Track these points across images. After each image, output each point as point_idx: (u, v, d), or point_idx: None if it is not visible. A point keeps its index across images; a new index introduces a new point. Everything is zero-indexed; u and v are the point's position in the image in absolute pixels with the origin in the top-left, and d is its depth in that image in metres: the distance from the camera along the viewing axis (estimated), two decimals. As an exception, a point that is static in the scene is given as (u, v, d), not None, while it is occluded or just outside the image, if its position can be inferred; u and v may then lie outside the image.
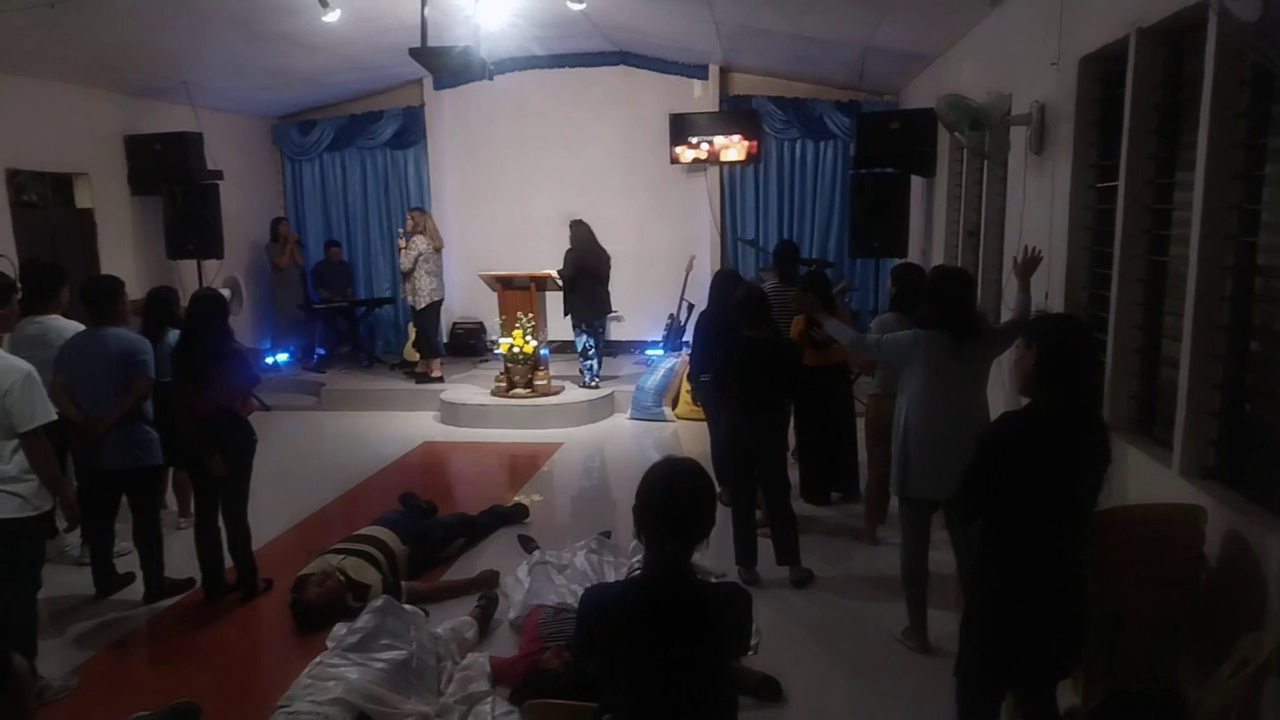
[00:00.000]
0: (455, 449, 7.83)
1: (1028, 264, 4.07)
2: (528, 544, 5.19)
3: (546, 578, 4.48)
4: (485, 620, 4.29)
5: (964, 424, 3.69)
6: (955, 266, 5.65)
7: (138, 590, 4.74)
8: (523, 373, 8.42)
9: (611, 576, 4.48)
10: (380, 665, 3.55)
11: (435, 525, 5.35)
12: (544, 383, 8.51)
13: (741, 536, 4.81)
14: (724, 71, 9.94)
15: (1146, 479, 3.52)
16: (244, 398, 4.75)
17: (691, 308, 9.64)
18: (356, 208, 10.83)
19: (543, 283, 8.60)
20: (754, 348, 4.72)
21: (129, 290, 4.82)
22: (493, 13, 7.26)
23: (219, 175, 8.56)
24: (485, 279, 8.89)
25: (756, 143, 9.79)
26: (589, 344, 8.69)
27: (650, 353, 9.55)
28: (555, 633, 3.83)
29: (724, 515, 5.40)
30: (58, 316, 4.80)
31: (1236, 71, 3.05)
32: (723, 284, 5.86)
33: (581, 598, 2.25)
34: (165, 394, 4.77)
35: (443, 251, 9.08)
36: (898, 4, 6.29)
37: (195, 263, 8.58)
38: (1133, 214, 3.81)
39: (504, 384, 8.50)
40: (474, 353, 10.34)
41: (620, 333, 10.41)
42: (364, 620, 3.80)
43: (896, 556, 4.14)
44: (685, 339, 9.28)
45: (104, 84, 7.96)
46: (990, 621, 2.70)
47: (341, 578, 4.39)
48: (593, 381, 8.76)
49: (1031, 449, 2.59)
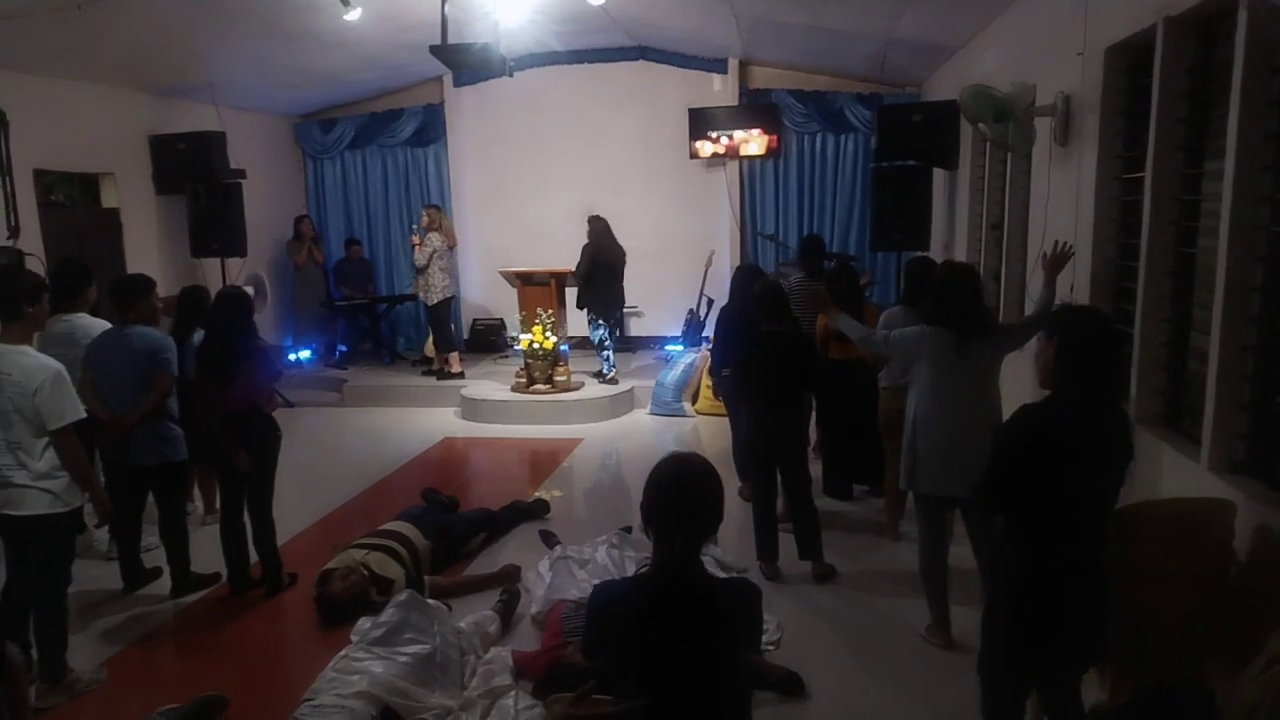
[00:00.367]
0: (476, 444, 7.86)
1: (1057, 259, 3.99)
2: (549, 539, 5.21)
3: (568, 572, 4.50)
4: (508, 615, 4.32)
5: (971, 420, 3.70)
6: (963, 263, 5.61)
7: (165, 585, 4.81)
8: (543, 368, 8.45)
9: (632, 571, 4.48)
10: (404, 659, 3.58)
11: (457, 520, 5.37)
12: (564, 378, 8.53)
13: (762, 531, 4.81)
14: (743, 65, 9.90)
15: (1175, 473, 3.47)
16: (268, 394, 4.79)
17: (711, 303, 9.62)
18: (377, 205, 10.88)
19: (562, 279, 8.66)
20: (773, 342, 4.72)
21: (157, 289, 4.85)
22: (512, 9, 7.28)
23: (242, 174, 8.62)
24: (505, 275, 8.93)
25: (776, 137, 9.74)
26: (604, 337, 8.74)
27: (670, 348, 9.54)
28: (577, 627, 3.83)
29: (745, 510, 5.45)
30: (85, 315, 4.84)
31: (1267, 59, 2.99)
32: (744, 279, 5.86)
33: (591, 595, 2.24)
34: (190, 390, 4.82)
35: (463, 248, 9.11)
36: (919, -5, 6.24)
37: (219, 261, 8.66)
38: (1160, 205, 3.75)
39: (524, 380, 8.54)
40: (494, 349, 10.38)
41: (640, 328, 10.42)
42: (388, 614, 3.83)
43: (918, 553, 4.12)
44: (705, 334, 9.27)
45: (129, 84, 8.05)
46: (1011, 616, 2.68)
47: (365, 572, 4.43)
48: (610, 373, 8.79)
49: (1051, 442, 2.57)
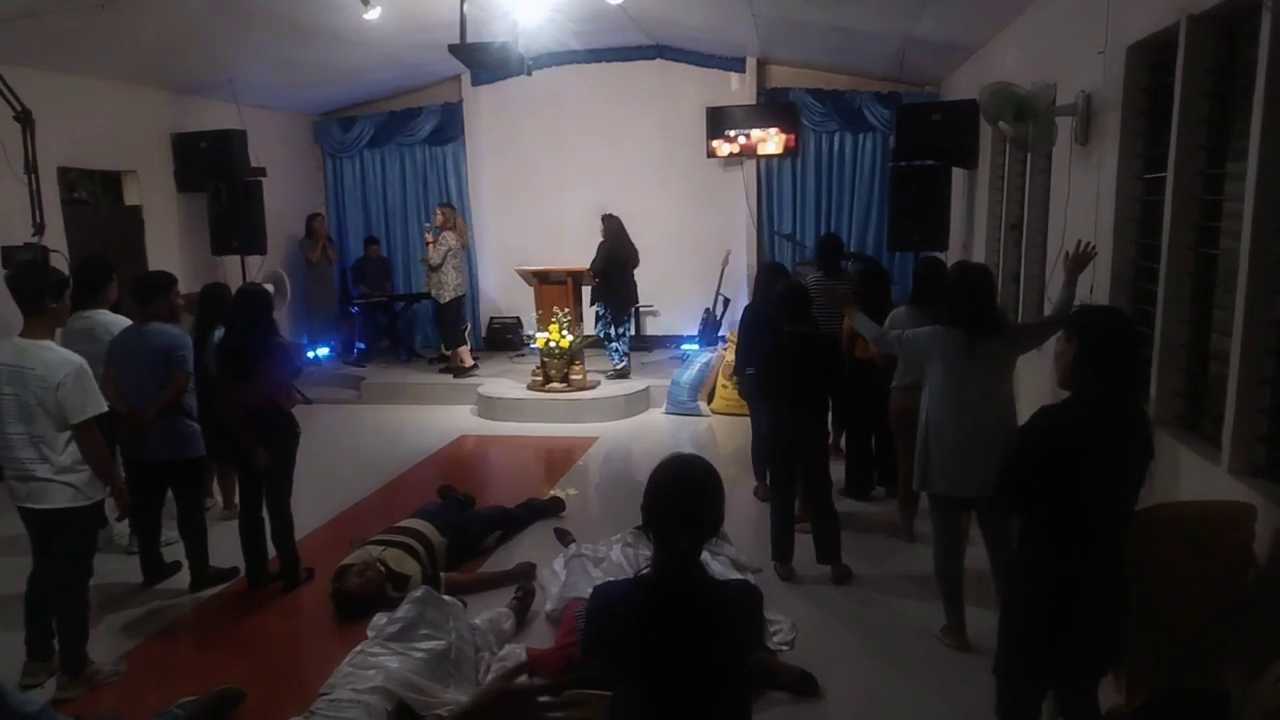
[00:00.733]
0: (492, 442, 7.89)
1: (1079, 259, 3.90)
2: (564, 537, 5.22)
3: (583, 570, 4.51)
4: (522, 612, 4.33)
5: (983, 421, 3.69)
6: (976, 263, 5.55)
7: (184, 579, 4.85)
8: (559, 367, 8.46)
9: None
10: (420, 655, 3.60)
11: (473, 518, 5.39)
12: (580, 377, 8.55)
13: (779, 531, 4.79)
14: (761, 64, 9.87)
15: (1195, 476, 3.44)
16: (287, 391, 4.83)
17: (728, 302, 9.61)
18: (395, 204, 10.92)
19: (579, 277, 8.69)
20: (795, 343, 4.70)
21: (178, 286, 4.88)
22: (531, 8, 7.30)
23: (262, 172, 8.69)
24: (522, 274, 8.96)
25: (794, 136, 9.71)
26: (623, 332, 8.85)
27: (686, 347, 9.53)
28: (592, 625, 3.84)
29: (761, 510, 5.44)
30: (105, 311, 4.88)
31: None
32: (767, 277, 5.83)
33: (590, 595, 2.22)
34: (210, 387, 4.87)
35: (481, 247, 9.14)
36: (938, -6, 6.20)
37: (239, 258, 8.74)
38: (1181, 206, 3.72)
39: (540, 378, 8.56)
40: (511, 347, 10.41)
41: (656, 327, 10.42)
42: (404, 610, 3.85)
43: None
44: (721, 333, 9.27)
45: (152, 83, 8.12)
46: (1029, 618, 2.66)
47: (382, 568, 4.45)
48: (620, 363, 8.84)
49: (1069, 443, 2.55)
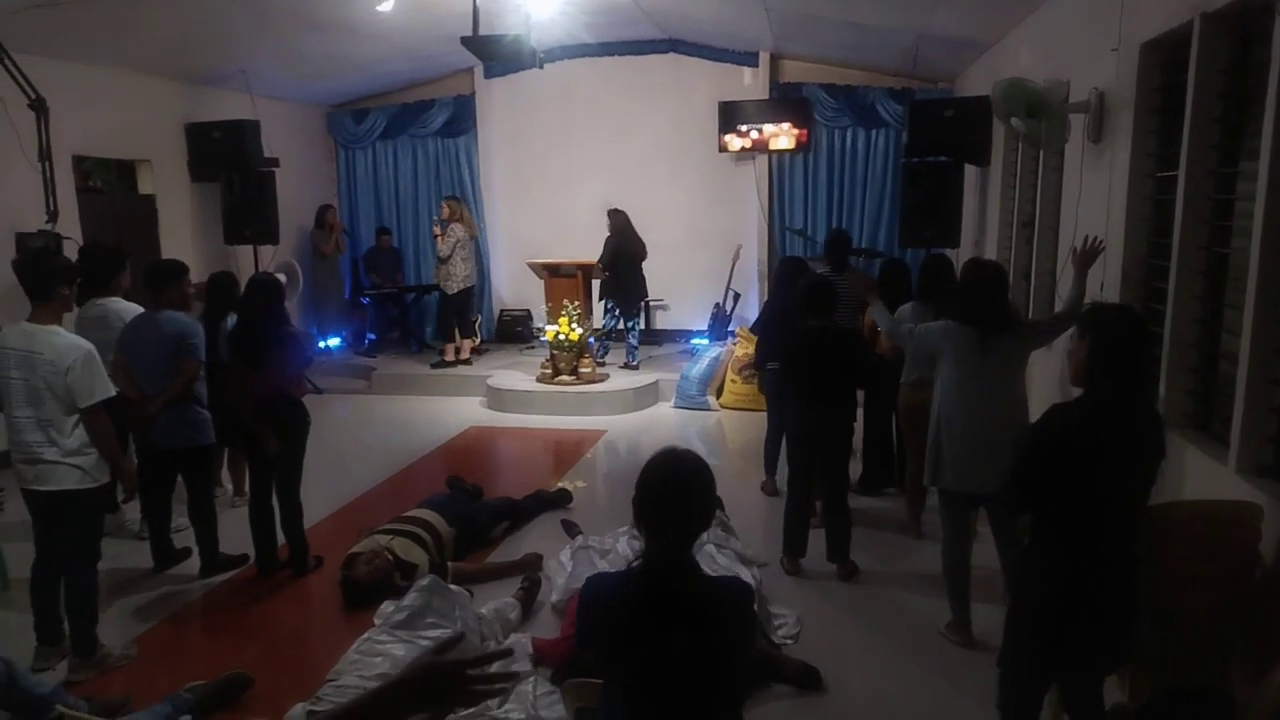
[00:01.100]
0: (501, 434, 7.92)
1: (1087, 254, 3.94)
2: (571, 529, 5.24)
3: (589, 562, 4.52)
4: (528, 602, 4.36)
5: (995, 417, 3.69)
6: (989, 260, 5.55)
7: (194, 565, 4.89)
8: (568, 360, 8.48)
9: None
10: (426, 643, 3.61)
11: (481, 508, 5.42)
12: (589, 370, 8.57)
13: (792, 526, 4.77)
14: (774, 59, 9.85)
15: (1203, 475, 3.43)
16: (298, 380, 4.86)
17: (738, 297, 9.61)
18: (407, 195, 10.94)
19: (589, 271, 8.71)
20: (818, 338, 4.66)
21: (190, 275, 4.92)
22: (543, 1, 7.30)
23: (275, 163, 8.72)
24: (532, 266, 8.98)
25: (806, 131, 9.69)
26: (633, 325, 8.89)
27: (695, 341, 9.54)
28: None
29: (768, 504, 5.46)
30: (118, 299, 4.93)
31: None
32: (789, 272, 5.81)
33: (583, 587, 2.22)
34: (221, 375, 4.90)
35: (492, 239, 9.15)
36: (953, -11, 6.19)
37: (251, 248, 8.78)
38: (1193, 204, 3.70)
39: (549, 371, 8.58)
40: (521, 339, 10.44)
41: (665, 321, 10.42)
42: (411, 599, 3.88)
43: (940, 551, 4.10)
44: (731, 328, 9.27)
45: (166, 72, 8.17)
46: (1038, 613, 2.66)
47: (390, 557, 4.48)
48: (635, 362, 8.90)
49: (1081, 441, 2.54)
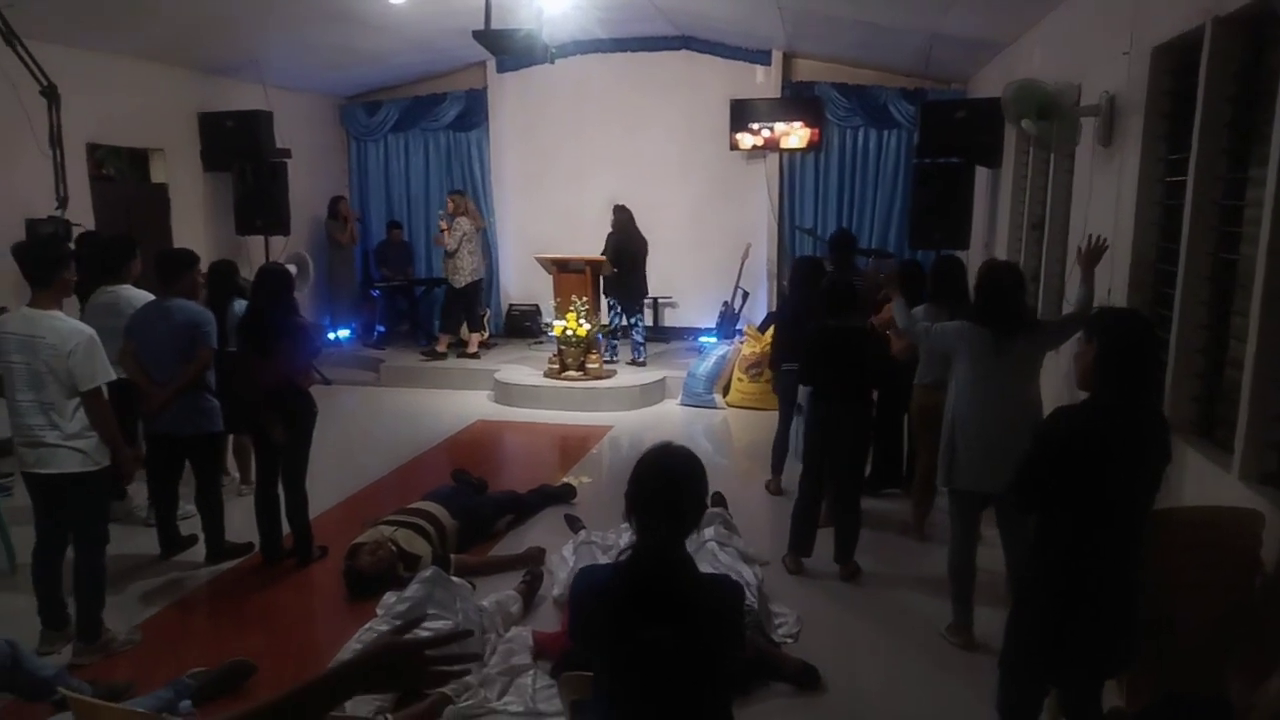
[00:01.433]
0: (507, 428, 7.94)
1: (1092, 253, 3.95)
2: (574, 523, 5.25)
3: (591, 557, 4.54)
4: (530, 596, 4.38)
5: (1010, 418, 3.69)
6: (1004, 261, 5.55)
7: (200, 552, 4.93)
8: (575, 355, 8.50)
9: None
10: (426, 634, 3.62)
11: (485, 502, 5.44)
12: (596, 366, 8.58)
13: (799, 524, 4.75)
14: (787, 57, 9.83)
15: (1205, 482, 3.43)
16: (306, 371, 4.89)
17: (746, 296, 9.60)
18: (418, 189, 10.96)
19: (598, 266, 8.71)
20: (837, 337, 4.64)
21: (200, 264, 4.96)
22: (556, -4, 7.32)
23: (287, 154, 8.76)
24: (541, 261, 8.99)
25: (818, 130, 9.66)
26: (635, 322, 8.93)
27: (703, 339, 9.55)
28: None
29: (774, 503, 5.47)
30: (129, 286, 4.97)
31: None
32: (805, 272, 5.79)
33: (574, 580, 2.24)
34: (228, 363, 4.93)
35: (502, 233, 9.16)
36: (966, -10, 6.17)
37: (263, 238, 8.82)
38: (1202, 210, 3.69)
39: (557, 366, 8.59)
40: (529, 334, 10.46)
41: (673, 319, 10.42)
42: (413, 590, 3.90)
43: (945, 553, 4.10)
44: (738, 326, 9.27)
45: (180, 62, 8.21)
46: (1041, 615, 2.66)
47: (393, 548, 4.50)
48: (641, 358, 8.92)
49: (1087, 445, 2.54)
